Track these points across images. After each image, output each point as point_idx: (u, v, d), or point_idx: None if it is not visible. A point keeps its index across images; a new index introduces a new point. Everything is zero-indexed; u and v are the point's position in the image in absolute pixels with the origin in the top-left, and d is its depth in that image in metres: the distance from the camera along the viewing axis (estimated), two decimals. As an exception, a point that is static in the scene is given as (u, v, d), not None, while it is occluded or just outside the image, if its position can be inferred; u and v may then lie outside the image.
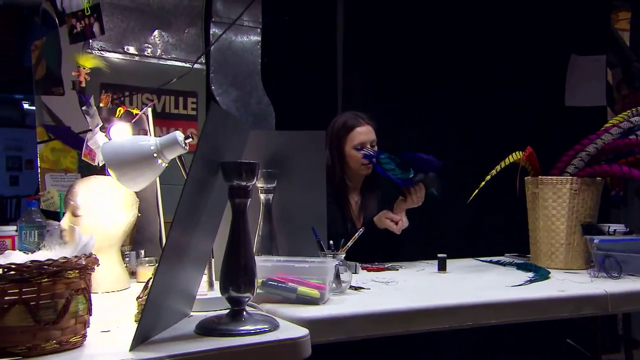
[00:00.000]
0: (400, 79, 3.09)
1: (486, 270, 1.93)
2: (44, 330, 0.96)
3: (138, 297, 1.41)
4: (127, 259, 1.84)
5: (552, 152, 2.02)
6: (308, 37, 3.17)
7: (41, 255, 1.02)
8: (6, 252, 1.05)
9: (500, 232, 2.89)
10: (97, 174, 1.74)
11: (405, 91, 3.09)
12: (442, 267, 1.85)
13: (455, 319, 1.30)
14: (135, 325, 1.18)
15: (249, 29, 2.96)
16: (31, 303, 0.95)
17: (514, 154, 1.96)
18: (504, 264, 2.05)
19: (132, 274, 1.78)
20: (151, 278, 1.39)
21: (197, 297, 1.29)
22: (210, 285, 1.42)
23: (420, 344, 1.42)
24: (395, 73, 3.09)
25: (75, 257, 1.02)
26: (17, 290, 0.94)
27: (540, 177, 1.97)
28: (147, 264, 1.79)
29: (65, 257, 1.00)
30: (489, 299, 1.38)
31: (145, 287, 1.39)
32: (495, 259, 2.15)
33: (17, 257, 1.01)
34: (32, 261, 0.96)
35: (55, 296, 0.97)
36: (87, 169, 2.79)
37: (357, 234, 1.49)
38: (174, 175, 1.47)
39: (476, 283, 1.68)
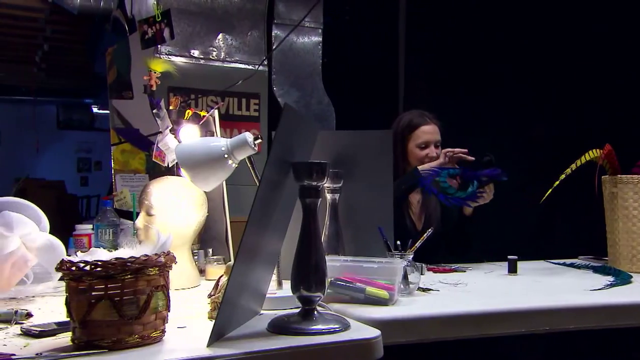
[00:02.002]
0: (464, 78, 3.03)
1: (560, 273, 1.85)
2: (127, 324, 1.00)
3: (209, 295, 1.45)
4: (196, 257, 1.89)
5: (631, 151, 1.91)
6: (369, 36, 3.16)
7: (123, 253, 1.06)
8: (91, 249, 1.10)
9: (572, 234, 2.77)
10: (165, 175, 1.80)
11: (469, 90, 3.03)
12: (512, 269, 1.80)
13: (531, 323, 1.26)
14: (209, 322, 1.22)
15: (310, 29, 2.98)
16: (116, 298, 0.99)
17: (591, 151, 1.87)
18: (578, 267, 1.96)
19: (201, 271, 1.83)
20: (221, 276, 1.43)
21: (267, 295, 1.31)
22: (279, 284, 1.44)
23: (492, 349, 1.38)
24: (459, 72, 3.04)
25: (155, 255, 1.06)
26: (103, 286, 0.99)
27: (619, 175, 1.88)
28: (215, 262, 1.84)
29: (146, 255, 1.04)
30: (568, 303, 1.32)
31: (216, 286, 1.43)
32: (568, 261, 2.06)
33: (102, 254, 1.06)
34: (116, 258, 1.00)
35: (137, 292, 1.01)
36: (153, 170, 2.91)
37: (426, 234, 1.47)
38: (238, 176, 1.49)
39: (551, 286, 1.62)
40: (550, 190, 1.82)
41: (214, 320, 1.20)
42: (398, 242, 1.47)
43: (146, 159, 2.88)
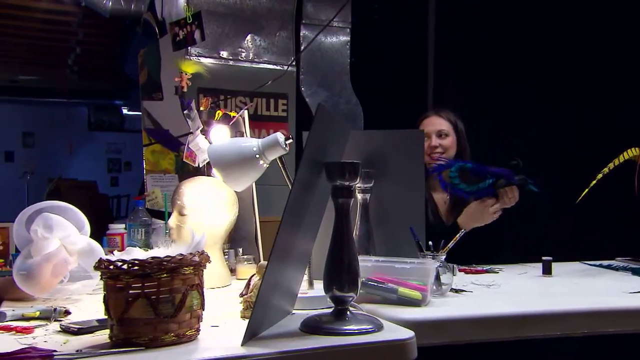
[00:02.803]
0: (495, 77, 2.98)
1: (597, 275, 1.81)
2: (163, 323, 1.01)
3: (241, 294, 1.46)
4: (226, 256, 1.90)
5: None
6: (398, 35, 3.14)
7: (159, 252, 1.08)
8: (127, 248, 1.12)
9: (609, 234, 2.70)
10: (195, 175, 1.82)
11: (499, 89, 2.98)
12: (547, 271, 1.76)
13: (568, 326, 1.23)
14: (242, 321, 1.23)
15: (338, 29, 2.98)
16: (152, 297, 1.00)
17: (629, 150, 1.83)
18: (616, 269, 1.91)
19: (232, 271, 1.84)
20: (252, 275, 1.44)
21: (299, 295, 1.32)
22: (310, 284, 1.44)
23: (527, 351, 1.36)
24: (489, 72, 2.99)
25: (190, 254, 1.07)
26: (139, 285, 1.00)
27: (659, 175, 1.82)
28: (245, 262, 1.85)
29: (181, 254, 1.05)
30: (607, 305, 1.29)
31: (247, 285, 1.44)
32: (605, 262, 2.01)
33: (138, 253, 1.07)
34: (152, 257, 1.02)
35: (173, 291, 1.02)
36: (182, 170, 2.94)
37: (459, 234, 1.45)
38: (266, 176, 1.50)
39: (588, 288, 1.58)
40: (587, 189, 1.78)
41: (246, 320, 1.21)
42: (430, 243, 1.46)
43: (175, 159, 2.92)
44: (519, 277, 1.75)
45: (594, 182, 1.79)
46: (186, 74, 2.06)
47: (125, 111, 8.92)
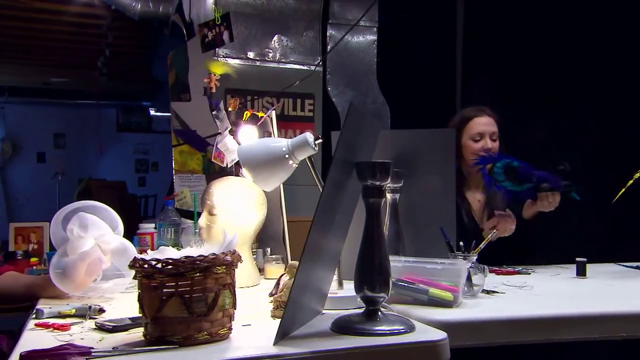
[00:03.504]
0: (527, 75, 2.93)
1: (634, 277, 1.77)
2: (196, 321, 1.02)
3: (271, 294, 1.47)
4: (255, 256, 1.91)
5: None
6: (425, 33, 3.11)
7: (192, 251, 1.09)
8: (160, 248, 1.13)
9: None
10: (223, 175, 1.83)
11: (531, 87, 2.93)
12: (581, 272, 1.72)
13: (606, 329, 1.20)
14: (272, 320, 1.24)
15: (365, 28, 2.97)
16: (185, 296, 1.01)
17: None
18: (653, 270, 1.86)
19: (260, 270, 1.85)
20: (282, 275, 1.44)
21: (329, 295, 1.31)
22: (340, 284, 1.44)
23: (562, 354, 1.33)
24: (520, 69, 2.94)
25: (222, 253, 1.07)
26: (173, 284, 1.01)
27: (700, 175, 1.76)
28: (274, 262, 1.85)
29: (214, 254, 1.06)
30: (646, 308, 1.25)
31: (277, 285, 1.44)
32: (642, 264, 1.96)
33: (171, 252, 1.09)
34: (185, 257, 1.03)
35: (205, 290, 1.03)
36: (208, 170, 2.97)
37: (490, 235, 1.43)
38: (293, 176, 1.50)
39: (625, 290, 1.54)
40: (624, 189, 1.73)
41: (277, 319, 1.22)
42: (461, 243, 1.44)
43: (203, 159, 2.95)
44: (552, 279, 1.71)
45: (631, 181, 1.74)
46: (215, 75, 2.08)
47: (152, 112, 9.04)
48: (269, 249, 1.96)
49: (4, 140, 8.74)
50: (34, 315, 1.25)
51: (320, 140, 1.42)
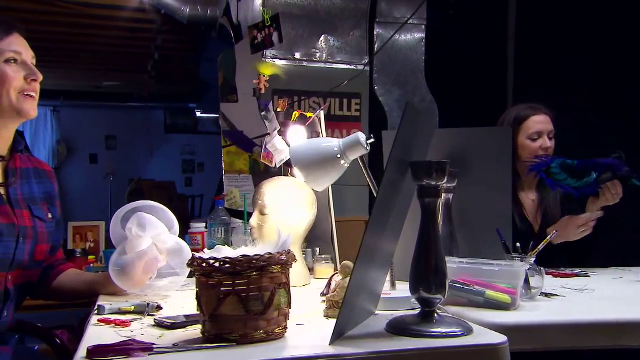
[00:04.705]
0: (581, 71, 2.82)
1: None
2: (253, 320, 1.03)
3: (322, 294, 1.47)
4: (304, 256, 1.92)
5: None
6: (475, 30, 3.04)
7: (248, 250, 1.10)
8: (217, 247, 1.14)
9: None
10: (266, 175, 1.85)
11: (585, 83, 2.82)
12: (645, 276, 1.65)
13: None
14: (326, 320, 1.24)
15: (412, 26, 2.93)
16: (242, 294, 1.03)
17: None
18: None
19: (310, 270, 1.85)
20: (333, 275, 1.44)
21: (382, 296, 1.30)
22: (393, 284, 1.42)
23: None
24: (575, 64, 2.83)
25: (278, 253, 1.08)
26: (231, 282, 1.03)
27: None
28: (323, 262, 1.86)
29: (270, 253, 1.06)
30: None
31: (329, 284, 1.44)
32: None
33: (228, 252, 1.10)
34: (242, 256, 1.04)
35: (262, 289, 1.04)
36: (254, 170, 3.00)
37: (549, 236, 1.39)
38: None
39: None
40: None
41: (331, 319, 1.22)
42: (518, 245, 1.40)
43: (249, 160, 2.99)
44: (614, 282, 1.65)
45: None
46: (264, 76, 2.10)
47: (198, 114, 9.22)
48: (317, 249, 1.96)
49: (59, 143, 9.10)
50: (96, 311, 1.29)
51: (372, 140, 1.41)
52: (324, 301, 1.34)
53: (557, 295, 1.42)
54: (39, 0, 4.08)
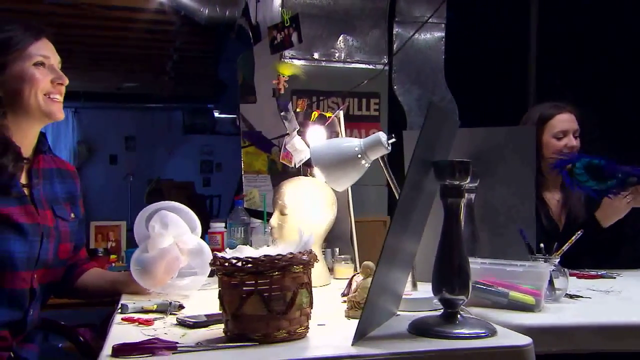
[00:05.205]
0: (606, 68, 2.77)
1: None
2: (275, 319, 1.03)
3: (343, 294, 1.46)
4: (324, 256, 1.92)
5: None
6: (496, 29, 3.00)
7: (270, 250, 1.10)
8: (238, 246, 1.15)
9: None
10: (284, 175, 1.84)
11: (609, 81, 2.77)
12: (673, 277, 1.62)
13: None
14: (347, 320, 1.23)
15: (432, 25, 2.91)
16: (265, 294, 1.03)
17: None
18: None
19: (329, 270, 1.85)
20: (354, 275, 1.44)
21: (403, 296, 1.30)
22: (414, 285, 1.41)
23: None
24: (599, 62, 2.78)
25: (300, 253, 1.08)
26: (253, 282, 1.03)
27: None
28: (343, 262, 1.85)
29: (292, 253, 1.06)
30: None
31: (349, 285, 1.44)
32: None
33: (250, 251, 1.10)
34: (264, 256, 1.04)
35: (284, 289, 1.04)
36: (271, 171, 3.01)
37: (575, 237, 1.37)
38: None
39: None
40: None
41: (352, 319, 1.21)
42: (542, 245, 1.38)
43: (267, 160, 3.00)
44: (640, 284, 1.62)
45: None
46: (283, 77, 2.10)
47: (216, 114, 9.28)
48: (337, 249, 1.96)
49: (80, 144, 9.24)
50: (119, 310, 1.30)
51: (393, 140, 1.40)
52: (344, 301, 1.34)
53: (582, 296, 1.39)
54: (62, 4, 4.14)
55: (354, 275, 1.44)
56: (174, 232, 1.48)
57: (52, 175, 1.49)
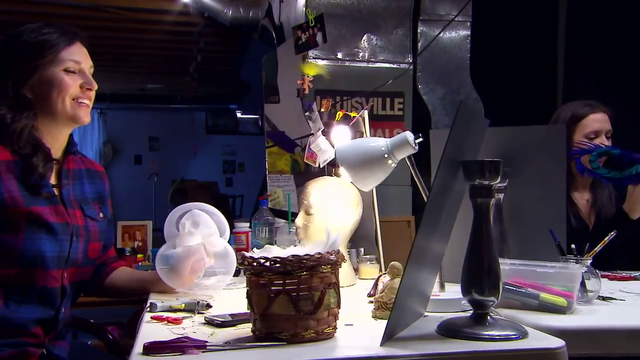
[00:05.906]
0: (633, 70, 2.70)
1: None
2: (303, 319, 1.03)
3: (369, 294, 1.46)
4: (349, 256, 1.91)
5: None
6: (523, 26, 2.96)
7: (297, 250, 1.10)
8: (265, 246, 1.15)
9: None
10: (307, 175, 1.84)
11: (638, 81, 2.70)
12: None
13: None
14: (374, 321, 1.22)
15: (457, 23, 2.88)
16: (292, 294, 1.03)
17: None
18: None
19: (354, 270, 1.84)
20: (380, 275, 1.43)
21: (431, 297, 1.28)
22: (442, 286, 1.40)
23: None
24: (629, 60, 2.72)
25: (327, 253, 1.08)
26: (281, 282, 1.03)
27: None
28: (368, 262, 1.84)
29: (319, 253, 1.06)
30: None
31: (375, 285, 1.43)
32: None
33: (277, 251, 1.10)
34: (292, 255, 1.04)
35: (311, 289, 1.04)
36: (294, 171, 3.01)
37: (607, 237, 1.34)
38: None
39: None
40: None
41: (379, 319, 1.21)
42: (573, 246, 1.35)
43: (290, 160, 3.00)
44: (676, 286, 1.57)
45: None
46: (308, 77, 2.10)
47: (239, 115, 9.34)
48: (362, 249, 1.95)
49: (105, 144, 9.39)
50: (148, 309, 1.32)
51: (420, 139, 1.39)
52: (371, 302, 1.33)
53: (615, 298, 1.36)
54: (88, 7, 4.21)
55: (380, 275, 1.43)
56: (203, 232, 1.49)
57: (82, 176, 1.51)
